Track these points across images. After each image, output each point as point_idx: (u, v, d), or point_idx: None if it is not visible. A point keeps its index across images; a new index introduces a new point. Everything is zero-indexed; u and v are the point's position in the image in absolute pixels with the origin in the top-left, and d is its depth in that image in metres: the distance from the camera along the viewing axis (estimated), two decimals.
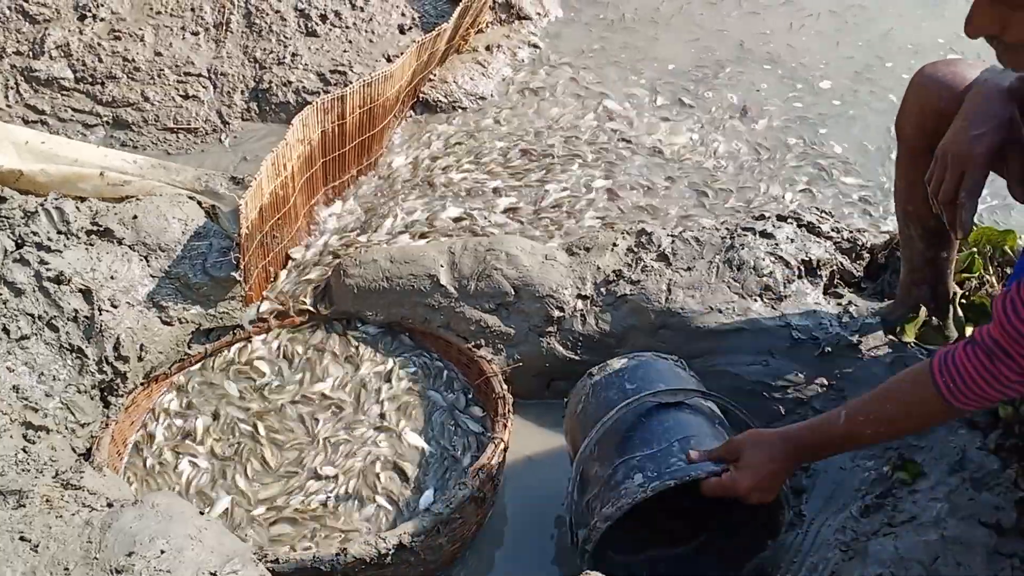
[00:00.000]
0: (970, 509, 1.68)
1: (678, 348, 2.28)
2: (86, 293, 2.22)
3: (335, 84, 3.40)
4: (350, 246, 2.70)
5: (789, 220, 2.51)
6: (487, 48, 3.83)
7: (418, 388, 2.32)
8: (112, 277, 2.28)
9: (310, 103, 2.68)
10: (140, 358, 2.23)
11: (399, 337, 2.44)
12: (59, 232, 2.32)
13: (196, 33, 3.48)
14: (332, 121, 2.77)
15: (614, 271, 2.41)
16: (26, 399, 2.04)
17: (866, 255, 2.48)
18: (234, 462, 2.15)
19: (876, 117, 3.53)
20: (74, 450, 2.06)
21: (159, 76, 3.37)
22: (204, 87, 3.39)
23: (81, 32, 3.39)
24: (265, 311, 2.47)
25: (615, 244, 2.49)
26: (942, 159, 1.72)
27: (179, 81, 3.38)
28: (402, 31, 3.69)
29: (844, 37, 4.09)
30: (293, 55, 3.47)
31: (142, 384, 2.26)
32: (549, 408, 2.44)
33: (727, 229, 2.49)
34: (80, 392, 2.13)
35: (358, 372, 2.36)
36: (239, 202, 2.31)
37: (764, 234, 2.43)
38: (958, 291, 2.20)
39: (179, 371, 2.35)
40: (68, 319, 2.17)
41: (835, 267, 2.41)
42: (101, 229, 2.37)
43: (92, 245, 2.34)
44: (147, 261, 2.37)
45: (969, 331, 2.07)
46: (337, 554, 1.80)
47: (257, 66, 3.45)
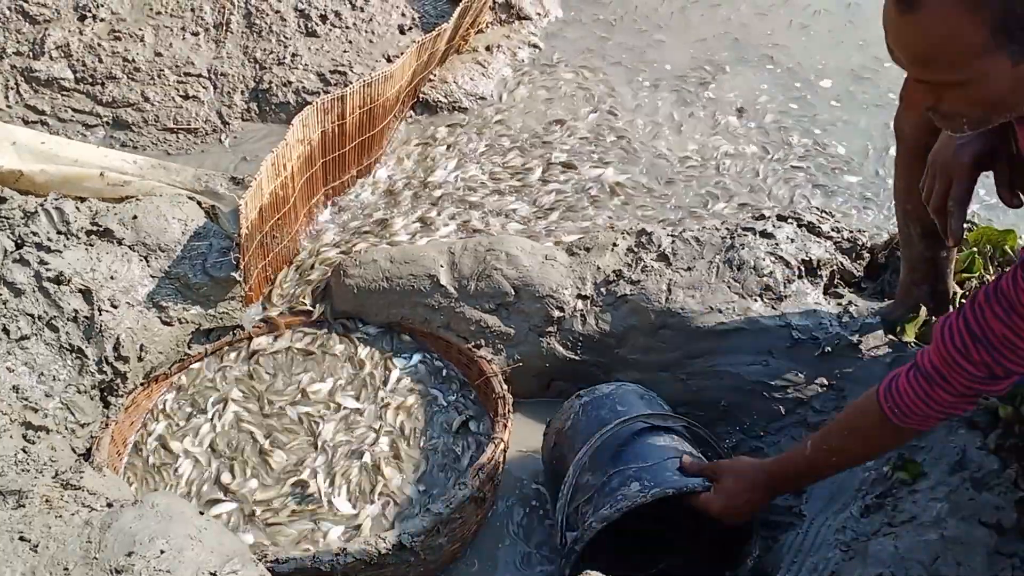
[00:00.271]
0: (970, 509, 1.68)
1: (678, 348, 2.28)
2: (86, 293, 2.22)
3: (335, 84, 3.40)
4: (350, 246, 2.70)
5: (789, 220, 2.51)
6: (487, 48, 3.83)
7: (418, 388, 2.33)
8: (112, 277, 2.28)
9: (310, 103, 2.68)
10: (140, 358, 2.23)
11: (399, 337, 2.45)
12: (59, 232, 2.32)
13: (196, 33, 3.48)
14: (332, 121, 2.77)
15: (614, 271, 2.41)
16: (26, 399, 2.04)
17: (866, 255, 2.48)
18: (234, 462, 2.15)
19: (876, 116, 3.53)
20: (74, 450, 2.06)
21: (159, 76, 3.37)
22: (204, 87, 3.39)
23: (81, 32, 3.39)
24: (265, 311, 2.47)
25: (615, 244, 2.49)
26: (931, 167, 1.77)
27: (179, 81, 3.38)
28: (402, 31, 3.69)
29: (844, 37, 4.09)
30: (293, 55, 3.47)
31: (142, 384, 2.26)
32: (549, 408, 2.43)
33: (727, 229, 2.48)
34: (80, 392, 2.13)
35: (358, 372, 2.36)
36: (239, 202, 2.31)
37: (764, 234, 2.43)
38: (958, 291, 2.20)
39: (179, 371, 2.35)
40: (68, 319, 2.17)
41: (835, 267, 2.41)
42: (101, 229, 2.37)
43: (92, 245, 2.34)
44: (147, 261, 2.37)
45: None
46: (337, 554, 1.80)
47: (257, 66, 3.45)
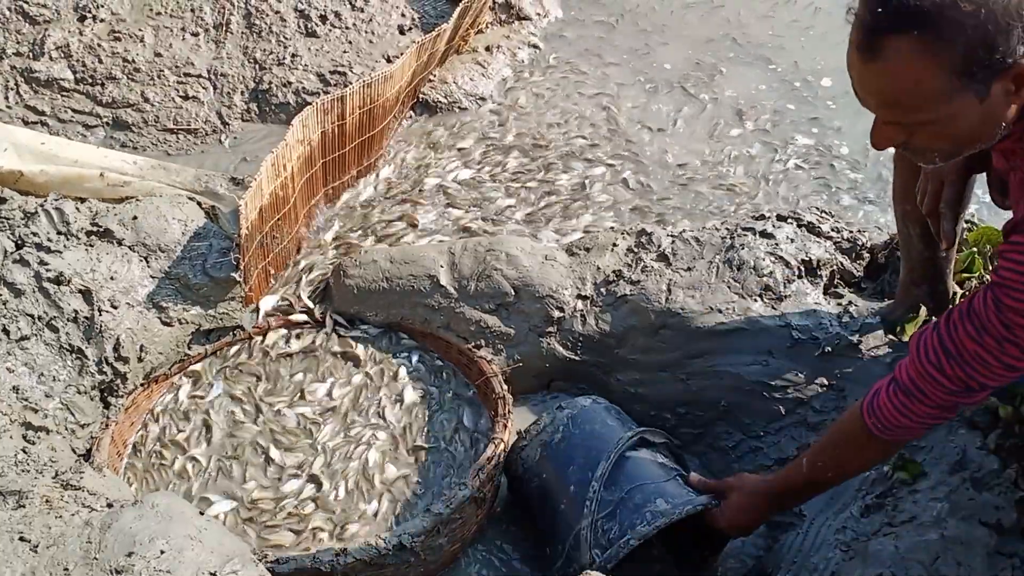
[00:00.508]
0: (970, 509, 1.68)
1: (678, 348, 2.28)
2: (86, 294, 2.22)
3: (335, 85, 3.40)
4: (350, 247, 2.70)
5: (789, 220, 2.51)
6: (487, 49, 3.83)
7: (418, 388, 2.32)
8: (112, 278, 2.28)
9: (310, 104, 2.68)
10: (140, 359, 2.23)
11: (399, 337, 2.44)
12: (59, 233, 2.32)
13: (196, 34, 3.48)
14: (332, 122, 2.77)
15: (614, 271, 2.41)
16: (26, 400, 2.04)
17: (866, 255, 2.48)
18: (233, 463, 2.15)
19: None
20: (74, 451, 2.06)
21: (159, 77, 3.36)
22: (204, 88, 3.39)
23: (81, 33, 3.39)
24: (265, 312, 2.47)
25: (615, 244, 2.49)
26: (924, 171, 1.79)
27: (179, 82, 3.37)
28: (402, 32, 3.69)
29: (843, 36, 4.06)
30: (293, 56, 3.47)
31: (142, 385, 2.26)
32: (549, 408, 2.43)
33: (727, 229, 2.48)
34: (80, 393, 2.13)
35: (358, 373, 2.36)
36: (239, 203, 2.31)
37: (764, 234, 2.43)
38: (958, 291, 2.20)
39: (179, 372, 2.35)
40: (68, 320, 2.17)
41: (835, 267, 2.41)
42: (101, 230, 2.37)
43: (92, 246, 2.34)
44: (147, 262, 2.37)
45: None
46: (337, 554, 1.80)
47: (257, 67, 3.45)
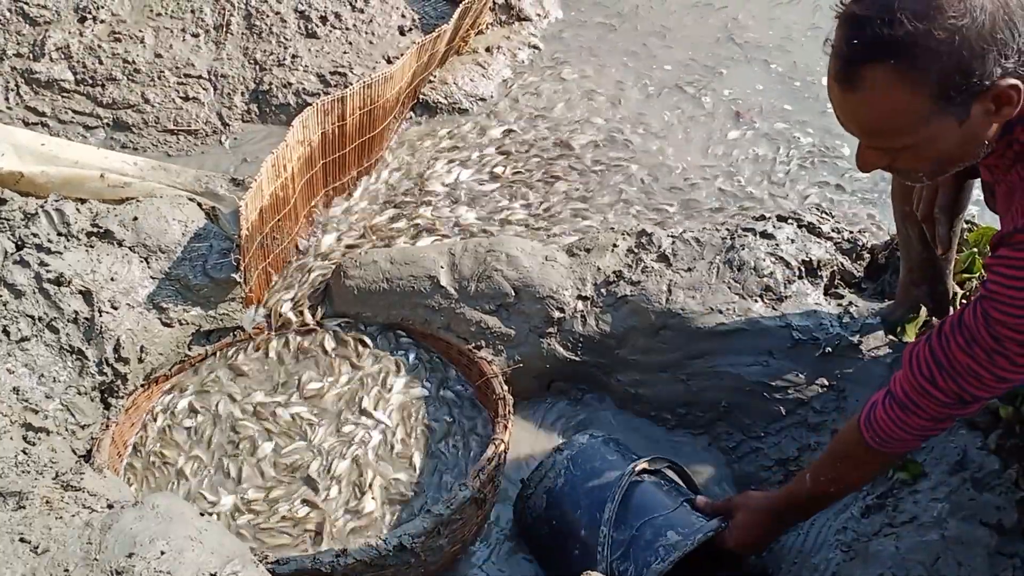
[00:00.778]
0: (971, 509, 1.68)
1: (679, 348, 2.28)
2: (86, 295, 2.22)
3: (335, 86, 3.40)
4: (350, 247, 2.69)
5: (789, 221, 2.51)
6: (487, 49, 3.83)
7: (418, 389, 2.32)
8: (112, 279, 2.28)
9: (310, 104, 2.68)
10: (140, 359, 2.23)
11: (399, 338, 2.44)
12: (59, 234, 2.32)
13: (196, 35, 3.48)
14: (332, 122, 2.77)
15: (614, 272, 2.41)
16: (26, 401, 2.04)
17: (866, 255, 2.48)
18: (231, 464, 2.15)
19: None
20: (74, 451, 2.06)
21: (159, 78, 3.37)
22: (204, 89, 3.39)
23: (81, 34, 3.39)
24: (265, 313, 2.47)
25: (615, 245, 2.49)
26: None
27: (179, 83, 3.37)
28: (402, 32, 3.69)
29: None
30: (293, 57, 3.47)
31: (142, 386, 2.26)
32: (549, 409, 2.44)
33: (727, 230, 2.48)
34: (80, 394, 2.13)
35: (358, 374, 2.36)
36: (239, 203, 2.31)
37: (764, 235, 2.43)
38: (958, 291, 2.20)
39: (179, 373, 2.35)
40: (68, 321, 2.17)
41: (835, 267, 2.41)
42: (101, 231, 2.37)
43: (92, 247, 2.34)
44: (147, 263, 2.37)
45: None
46: (337, 555, 1.80)
47: (257, 68, 3.45)
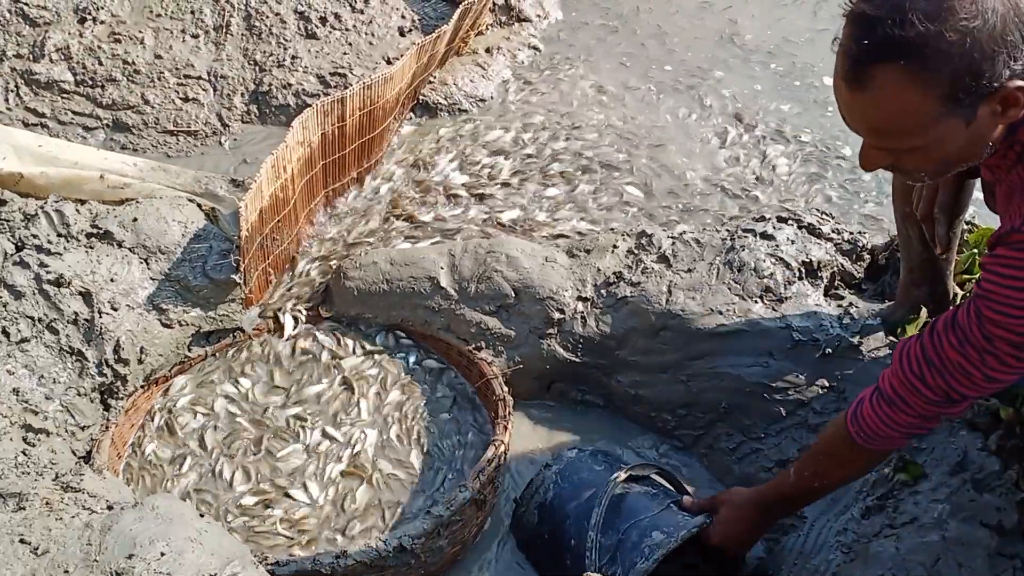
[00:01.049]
0: (971, 510, 1.68)
1: (679, 349, 2.28)
2: (86, 296, 2.22)
3: (335, 86, 3.40)
4: (350, 248, 2.69)
5: (789, 222, 2.51)
6: (487, 50, 3.83)
7: (418, 390, 2.32)
8: (112, 280, 2.28)
9: (310, 105, 2.68)
10: (140, 360, 2.23)
11: (399, 339, 2.44)
12: (59, 235, 2.32)
13: (196, 36, 3.48)
14: (332, 123, 2.77)
15: (614, 273, 2.41)
16: (26, 402, 2.04)
17: (866, 256, 2.48)
18: (230, 466, 2.15)
19: None
20: (74, 453, 2.05)
21: (159, 79, 3.37)
22: (204, 90, 3.39)
23: (81, 35, 3.39)
24: (265, 314, 2.47)
25: (615, 246, 2.48)
26: None
27: (179, 84, 3.37)
28: (402, 33, 3.69)
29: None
30: (293, 57, 3.47)
31: (142, 386, 2.26)
32: (549, 410, 2.44)
33: (727, 231, 2.48)
34: (80, 395, 2.13)
35: (358, 375, 2.36)
36: (239, 204, 2.31)
37: (764, 235, 2.43)
38: (959, 292, 2.20)
39: (179, 373, 2.35)
40: (68, 322, 2.17)
41: (836, 268, 2.41)
42: (101, 232, 2.37)
43: (92, 248, 2.34)
44: (147, 264, 2.37)
45: None
46: (337, 556, 1.80)
47: (257, 68, 3.45)
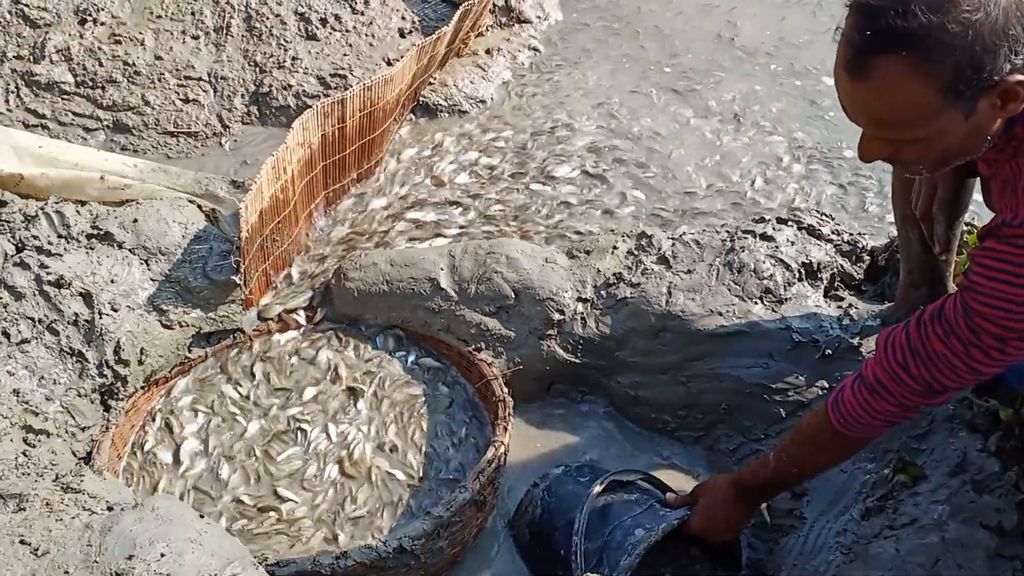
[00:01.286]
0: (971, 511, 1.68)
1: (678, 351, 2.28)
2: (86, 297, 2.22)
3: (335, 88, 3.41)
4: (351, 249, 2.69)
5: (789, 223, 2.51)
6: (487, 52, 3.84)
7: (418, 391, 2.32)
8: (112, 281, 2.28)
9: (310, 107, 2.68)
10: (140, 361, 2.23)
11: (399, 340, 2.44)
12: (59, 236, 2.32)
13: (196, 37, 3.49)
14: (332, 125, 2.77)
15: (614, 274, 2.41)
16: (26, 403, 2.04)
17: (866, 257, 2.48)
18: (228, 466, 2.15)
19: None
20: (74, 453, 2.05)
21: (159, 80, 3.37)
22: (204, 91, 3.39)
23: (81, 36, 3.40)
24: (265, 315, 2.47)
25: (615, 247, 2.49)
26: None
27: (179, 85, 3.38)
28: (402, 35, 3.69)
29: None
30: (293, 59, 3.47)
31: (142, 387, 2.26)
32: (549, 411, 2.44)
33: (727, 232, 2.48)
34: (80, 396, 2.13)
35: (358, 376, 2.36)
36: (239, 205, 2.31)
37: (764, 237, 2.43)
38: None
39: (179, 374, 2.35)
40: (68, 323, 2.17)
41: (835, 270, 2.41)
42: (101, 233, 2.37)
43: (92, 249, 2.34)
44: (147, 265, 2.37)
45: None
46: (337, 557, 1.80)
47: (257, 70, 3.45)
